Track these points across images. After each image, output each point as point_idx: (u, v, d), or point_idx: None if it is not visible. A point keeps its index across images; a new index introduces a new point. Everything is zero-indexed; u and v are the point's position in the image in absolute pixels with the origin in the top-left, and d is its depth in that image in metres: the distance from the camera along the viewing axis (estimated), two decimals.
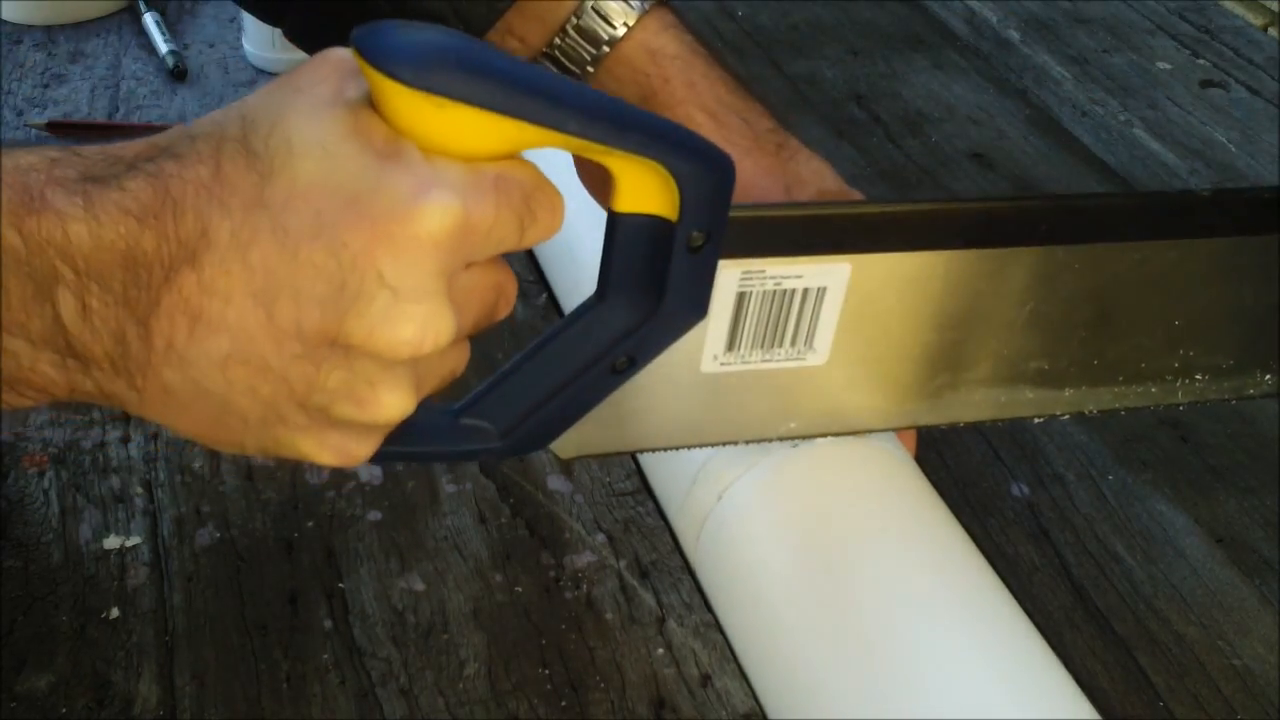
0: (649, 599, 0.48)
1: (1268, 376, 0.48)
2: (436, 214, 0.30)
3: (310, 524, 0.50)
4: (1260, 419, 0.59)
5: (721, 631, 0.47)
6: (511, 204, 0.32)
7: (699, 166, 0.34)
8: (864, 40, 0.92)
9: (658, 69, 0.47)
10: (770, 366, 0.42)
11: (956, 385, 0.45)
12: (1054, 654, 0.41)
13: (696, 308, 0.38)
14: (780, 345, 0.41)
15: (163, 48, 0.82)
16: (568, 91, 0.32)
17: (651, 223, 0.35)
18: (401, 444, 0.35)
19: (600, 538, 0.51)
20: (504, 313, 0.35)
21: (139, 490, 0.51)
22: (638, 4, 0.47)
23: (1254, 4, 0.99)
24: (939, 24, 0.95)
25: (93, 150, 0.31)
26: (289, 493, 0.51)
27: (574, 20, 0.47)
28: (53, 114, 0.76)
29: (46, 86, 0.79)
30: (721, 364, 0.41)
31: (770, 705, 0.44)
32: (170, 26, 0.84)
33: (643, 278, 0.37)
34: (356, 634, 0.46)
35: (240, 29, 0.84)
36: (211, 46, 0.84)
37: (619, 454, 0.52)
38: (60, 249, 0.29)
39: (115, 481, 0.52)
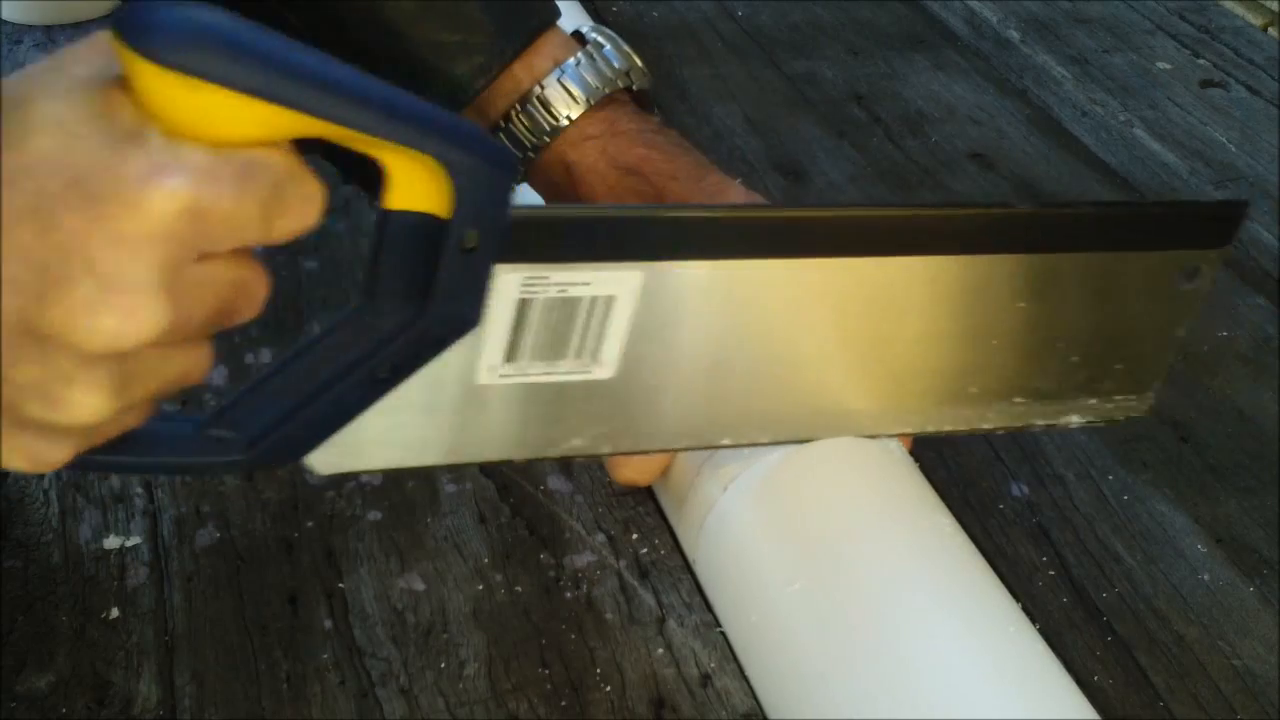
0: (649, 599, 0.48)
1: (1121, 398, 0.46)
2: (162, 199, 0.28)
3: (310, 524, 0.50)
4: (1260, 419, 0.59)
5: (722, 631, 0.47)
6: (256, 193, 0.30)
7: (475, 161, 0.32)
8: (864, 40, 0.92)
9: (569, 180, 0.49)
10: (552, 379, 0.39)
11: (766, 405, 0.42)
12: (1054, 654, 0.41)
13: (469, 314, 0.36)
14: (564, 357, 0.39)
15: None
16: (338, 77, 0.29)
17: (423, 221, 0.33)
18: (124, 453, 0.33)
19: (600, 538, 0.51)
20: (248, 314, 0.32)
21: (139, 490, 0.51)
22: (583, 98, 0.49)
23: (1254, 4, 0.99)
24: (939, 24, 0.95)
25: None
26: (289, 493, 0.51)
27: (517, 107, 0.49)
28: None
29: None
30: (500, 376, 0.38)
31: (770, 705, 0.44)
32: None
33: (411, 280, 0.34)
34: (356, 634, 0.46)
35: None
36: None
37: (384, 471, 0.49)
38: None
39: (115, 481, 0.52)
